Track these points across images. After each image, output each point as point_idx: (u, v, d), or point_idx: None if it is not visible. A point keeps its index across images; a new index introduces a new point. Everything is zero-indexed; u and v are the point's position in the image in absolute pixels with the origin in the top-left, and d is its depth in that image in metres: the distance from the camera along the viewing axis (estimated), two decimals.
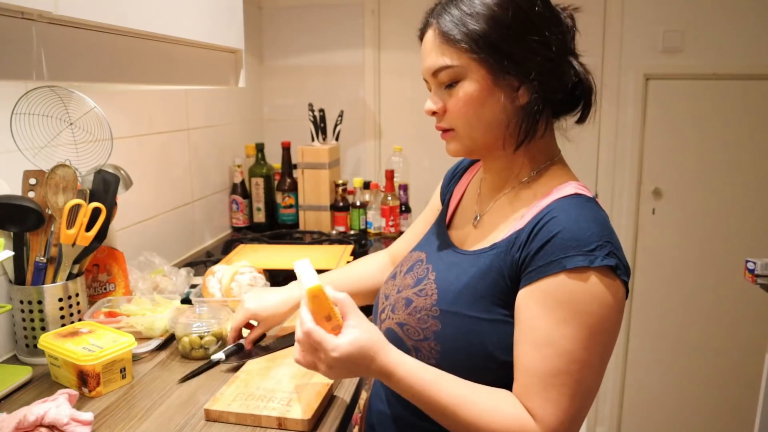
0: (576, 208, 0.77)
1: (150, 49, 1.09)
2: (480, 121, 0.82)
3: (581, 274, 0.72)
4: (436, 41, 0.82)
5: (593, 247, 0.72)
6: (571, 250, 0.73)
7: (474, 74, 0.80)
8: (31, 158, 1.15)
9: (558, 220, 0.75)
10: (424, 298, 0.86)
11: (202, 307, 1.23)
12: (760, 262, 1.52)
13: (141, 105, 1.62)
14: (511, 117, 0.82)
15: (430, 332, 0.83)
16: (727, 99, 2.23)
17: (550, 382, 0.72)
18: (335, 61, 2.45)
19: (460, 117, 0.82)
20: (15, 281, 1.13)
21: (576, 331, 0.72)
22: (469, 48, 0.79)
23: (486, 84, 0.80)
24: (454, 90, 0.81)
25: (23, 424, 0.82)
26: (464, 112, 0.81)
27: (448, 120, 0.84)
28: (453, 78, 0.81)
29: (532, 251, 0.76)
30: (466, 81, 0.80)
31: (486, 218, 0.90)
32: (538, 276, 0.74)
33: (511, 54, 0.78)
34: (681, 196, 2.32)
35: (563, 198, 0.79)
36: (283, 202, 2.22)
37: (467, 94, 0.80)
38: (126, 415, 0.93)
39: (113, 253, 1.32)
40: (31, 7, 0.75)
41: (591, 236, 0.73)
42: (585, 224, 0.74)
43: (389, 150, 2.40)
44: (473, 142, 0.84)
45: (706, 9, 2.18)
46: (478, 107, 0.81)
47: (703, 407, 2.45)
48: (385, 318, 0.92)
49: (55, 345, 1.01)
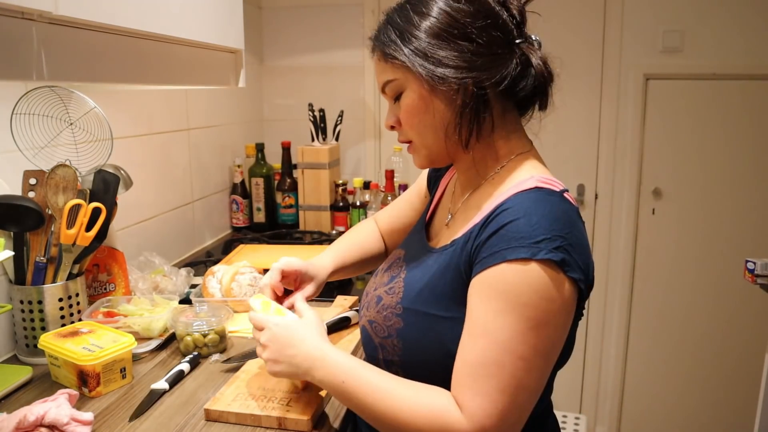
0: (531, 202, 0.75)
1: (150, 49, 1.09)
2: (427, 128, 0.84)
3: (522, 265, 0.70)
4: (376, 60, 0.86)
5: (539, 240, 0.71)
6: (515, 241, 0.71)
7: (412, 84, 0.82)
8: (32, 158, 1.15)
9: (508, 213, 0.74)
10: (392, 296, 0.88)
11: (201, 306, 1.23)
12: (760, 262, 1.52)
13: (141, 105, 1.62)
14: (452, 119, 0.82)
15: (393, 330, 0.84)
16: (727, 99, 2.23)
17: (481, 372, 0.70)
18: (335, 61, 2.45)
19: (410, 127, 0.85)
20: (15, 281, 1.13)
21: (513, 323, 0.70)
22: (401, 61, 0.81)
23: (423, 92, 0.81)
24: (400, 104, 0.85)
25: (23, 424, 0.82)
26: (411, 123, 0.84)
27: (404, 132, 0.87)
28: (396, 91, 0.85)
29: (481, 243, 0.75)
30: (406, 92, 0.83)
31: (456, 216, 0.91)
32: (482, 267, 0.73)
33: (440, 59, 0.79)
34: (681, 196, 2.32)
35: (521, 192, 0.77)
36: (283, 202, 2.22)
37: (408, 104, 0.83)
38: (126, 415, 0.93)
39: (113, 253, 1.32)
40: (32, 7, 0.75)
41: (538, 229, 0.71)
42: (536, 218, 0.72)
43: (389, 150, 2.40)
44: (429, 150, 0.86)
45: (706, 9, 2.18)
46: (422, 115, 0.83)
47: (703, 407, 2.45)
48: (363, 315, 0.94)
49: (55, 345, 1.01)
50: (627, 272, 2.38)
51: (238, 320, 1.30)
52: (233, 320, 1.27)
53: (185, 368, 1.07)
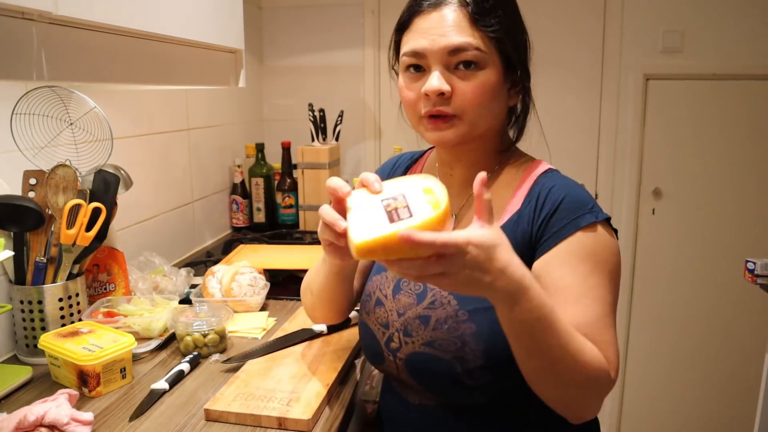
0: (562, 178, 0.86)
1: (150, 49, 1.09)
2: (489, 113, 0.83)
3: (592, 229, 0.80)
4: (464, 19, 0.80)
5: (591, 205, 0.81)
6: (578, 211, 0.80)
7: (494, 64, 0.81)
8: (32, 158, 1.15)
9: (557, 189, 0.82)
10: (442, 308, 0.84)
11: (201, 306, 1.23)
12: (759, 262, 1.52)
13: (141, 105, 1.62)
14: (504, 114, 0.88)
15: (468, 336, 0.81)
16: (727, 99, 2.23)
17: (599, 326, 0.76)
18: (335, 61, 2.45)
19: (473, 105, 0.81)
20: (15, 281, 1.13)
21: (601, 279, 0.78)
22: (497, 37, 0.80)
23: (499, 77, 0.82)
24: (469, 75, 0.80)
25: (23, 424, 0.82)
26: (479, 101, 0.81)
27: (455, 105, 0.81)
28: (474, 60, 0.80)
29: (543, 222, 0.81)
30: (487, 69, 0.81)
31: (466, 214, 0.90)
32: (556, 241, 0.79)
33: (519, 52, 0.84)
34: (681, 196, 2.32)
35: (546, 173, 0.87)
36: (283, 202, 2.22)
37: (486, 83, 0.81)
38: (126, 415, 0.93)
39: (113, 253, 1.32)
40: (32, 7, 0.75)
41: (585, 196, 0.82)
42: (577, 188, 0.84)
43: (389, 150, 2.40)
44: (473, 131, 0.84)
45: (706, 9, 2.17)
46: (491, 98, 0.82)
47: (703, 407, 2.45)
48: (400, 346, 0.87)
49: (55, 345, 1.01)
50: (627, 272, 2.38)
51: (238, 320, 1.30)
52: (233, 320, 1.27)
53: (185, 368, 1.07)
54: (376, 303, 0.93)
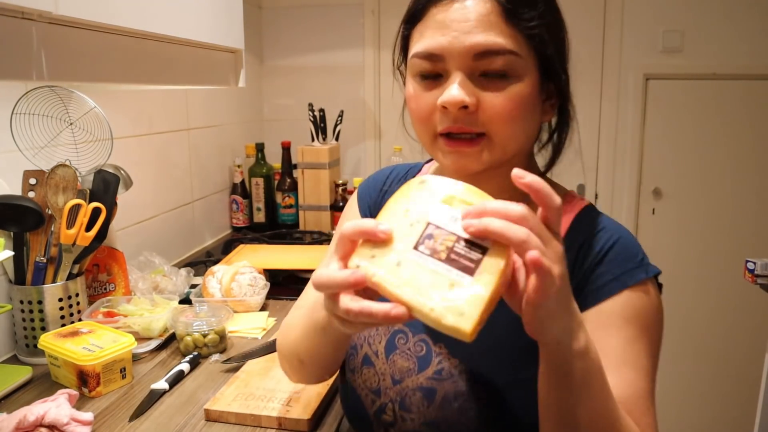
0: (608, 220, 0.70)
1: (150, 49, 1.09)
2: (522, 132, 0.67)
3: (642, 288, 0.67)
4: (496, 13, 0.63)
5: (641, 256, 0.68)
6: (627, 263, 0.67)
7: (530, 72, 0.64)
8: (31, 158, 1.15)
9: (604, 234, 0.68)
10: (451, 380, 0.69)
11: (201, 306, 1.23)
12: (760, 262, 1.52)
13: (141, 105, 1.62)
14: (537, 132, 0.72)
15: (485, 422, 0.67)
16: (727, 99, 2.23)
17: (642, 406, 0.65)
18: (335, 61, 2.45)
19: (504, 121, 0.64)
20: (15, 281, 1.13)
21: (646, 346, 0.67)
22: (537, 36, 0.64)
23: (536, 87, 0.66)
24: (500, 85, 0.63)
25: (23, 424, 0.82)
26: (513, 117, 0.64)
27: (482, 121, 0.64)
28: (506, 69, 0.63)
29: (588, 271, 0.67)
30: (522, 78, 0.64)
31: None
32: (599, 298, 0.66)
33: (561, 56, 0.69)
34: (681, 196, 2.32)
35: (586, 210, 0.71)
36: (283, 202, 2.22)
37: (521, 95, 0.64)
38: (126, 415, 0.93)
39: (113, 253, 1.32)
40: (31, 7, 0.75)
41: (636, 245, 0.68)
42: (626, 234, 0.69)
43: (389, 150, 2.40)
44: (504, 154, 0.67)
45: (706, 9, 2.17)
46: (526, 113, 0.65)
47: (703, 407, 2.44)
48: (395, 421, 0.72)
49: (55, 345, 1.01)
50: None
51: (238, 320, 1.30)
52: (233, 320, 1.27)
53: (185, 368, 1.07)
54: (365, 361, 0.76)
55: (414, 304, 0.45)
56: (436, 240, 0.47)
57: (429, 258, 0.47)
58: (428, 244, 0.47)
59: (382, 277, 0.47)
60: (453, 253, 0.46)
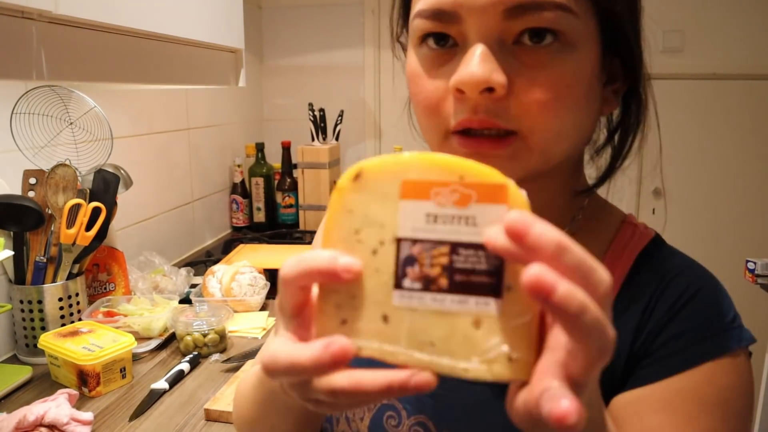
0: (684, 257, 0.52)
1: (150, 48, 1.09)
2: (574, 128, 0.46)
3: (732, 360, 0.47)
4: None
5: (732, 316, 0.49)
6: (714, 322, 0.47)
7: (589, 40, 0.44)
8: (31, 158, 1.14)
9: (686, 277, 0.49)
10: None
11: (201, 306, 1.23)
12: (760, 262, 1.52)
13: (141, 105, 1.62)
14: (593, 131, 0.52)
15: None
16: (727, 99, 2.22)
17: None
18: (335, 61, 2.45)
19: (549, 112, 0.43)
20: (15, 281, 1.13)
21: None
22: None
23: (595, 65, 0.45)
24: (545, 56, 0.42)
25: (23, 423, 0.82)
26: (561, 107, 0.43)
27: (516, 112, 0.43)
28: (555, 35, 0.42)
29: (651, 332, 0.48)
30: (577, 49, 0.43)
31: None
32: (669, 370, 0.46)
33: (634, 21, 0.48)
34: (681, 196, 2.32)
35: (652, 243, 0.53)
36: (283, 202, 2.22)
37: (575, 74, 0.43)
38: (126, 415, 0.93)
39: (113, 253, 1.32)
40: (31, 7, 0.75)
41: (725, 298, 0.50)
42: (711, 279, 0.50)
43: (389, 150, 2.40)
44: (545, 162, 0.46)
45: (706, 9, 2.17)
46: (581, 102, 0.45)
47: None
48: None
49: (55, 345, 1.01)
50: None
51: (238, 320, 1.30)
52: (233, 320, 1.27)
53: (185, 368, 1.06)
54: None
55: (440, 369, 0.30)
56: (423, 262, 0.30)
57: (425, 295, 0.30)
58: (414, 274, 0.30)
59: (377, 349, 0.30)
60: (457, 273, 0.30)
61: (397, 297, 0.30)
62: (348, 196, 0.31)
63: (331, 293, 0.30)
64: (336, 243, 0.31)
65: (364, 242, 0.31)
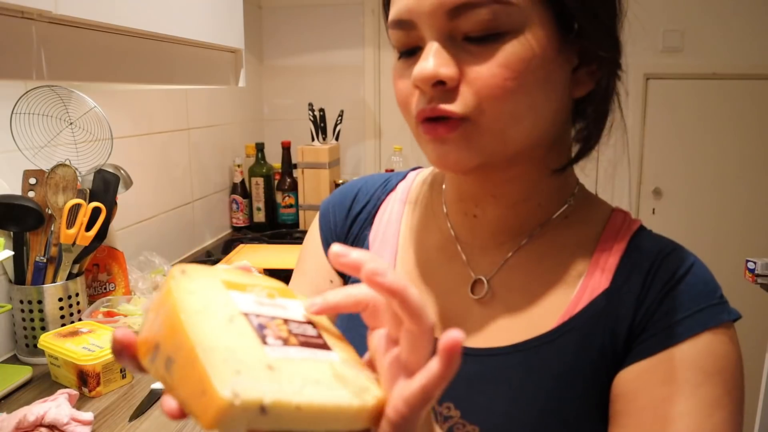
0: (672, 241, 0.55)
1: (150, 48, 1.09)
2: (529, 110, 0.48)
3: (726, 331, 0.50)
4: None
5: (720, 292, 0.52)
6: (706, 298, 0.50)
7: (534, 22, 0.46)
8: (31, 158, 1.14)
9: (675, 258, 0.52)
10: None
11: None
12: (760, 261, 1.52)
13: (141, 105, 1.62)
14: (567, 112, 0.53)
15: None
16: (727, 99, 2.23)
17: None
18: (335, 61, 2.45)
19: (496, 95, 0.46)
20: (15, 281, 1.13)
21: (731, 414, 0.48)
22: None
23: (547, 44, 0.47)
24: (490, 48, 0.46)
25: (23, 424, 0.82)
26: (507, 88, 0.46)
27: (464, 99, 0.46)
28: (496, 25, 0.45)
29: (653, 305, 0.50)
30: (521, 32, 0.46)
31: (504, 283, 0.55)
32: (670, 340, 0.48)
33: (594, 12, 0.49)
34: (681, 196, 2.32)
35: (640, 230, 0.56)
36: (283, 202, 2.22)
37: (519, 55, 0.46)
38: (126, 415, 0.93)
39: (113, 253, 1.32)
40: (31, 7, 0.75)
41: (713, 279, 0.53)
42: (699, 260, 0.53)
43: (389, 150, 2.40)
44: (503, 145, 0.48)
45: (706, 9, 2.17)
46: (532, 82, 0.47)
47: None
48: None
49: (55, 345, 1.01)
50: None
51: None
52: None
53: None
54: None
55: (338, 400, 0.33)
56: (271, 328, 0.35)
57: (289, 348, 0.35)
58: (272, 334, 0.35)
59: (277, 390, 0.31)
60: (300, 336, 0.36)
61: (269, 351, 0.34)
62: (183, 283, 0.35)
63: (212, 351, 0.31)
64: (189, 314, 0.33)
65: (216, 314, 0.34)
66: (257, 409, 0.29)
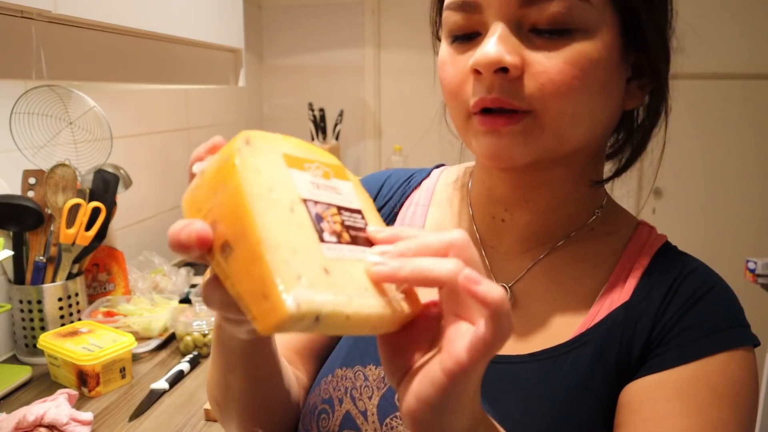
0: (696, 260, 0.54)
1: (150, 48, 1.09)
2: (588, 113, 0.47)
3: (744, 354, 0.48)
4: None
5: (742, 316, 0.51)
6: (727, 320, 0.49)
7: (605, 27, 0.46)
8: (31, 157, 1.14)
9: (699, 276, 0.51)
10: None
11: (201, 306, 1.23)
12: (760, 261, 1.52)
13: (141, 105, 1.62)
14: (614, 122, 0.53)
15: None
16: (727, 99, 2.22)
17: None
18: (335, 61, 2.44)
19: (561, 91, 0.45)
20: (14, 281, 1.13)
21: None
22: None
23: (612, 51, 0.47)
24: (557, 42, 0.45)
25: (23, 424, 0.82)
26: (573, 87, 0.45)
27: (529, 92, 0.45)
28: (568, 20, 0.45)
29: (672, 319, 0.49)
30: (592, 34, 0.45)
31: (526, 291, 0.54)
32: (684, 358, 0.48)
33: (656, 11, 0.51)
34: (681, 196, 2.32)
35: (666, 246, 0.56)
36: None
37: (588, 56, 0.45)
38: (126, 415, 0.93)
39: (113, 253, 1.31)
40: (31, 6, 0.75)
41: (735, 298, 0.52)
42: (722, 281, 0.53)
43: (389, 150, 2.40)
44: (560, 143, 0.48)
45: (706, 9, 2.17)
46: (595, 86, 0.46)
47: None
48: None
49: (55, 345, 1.01)
50: None
51: None
52: None
53: (185, 368, 1.06)
54: (345, 424, 0.53)
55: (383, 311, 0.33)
56: (327, 221, 0.34)
57: (342, 247, 0.34)
58: (327, 228, 0.34)
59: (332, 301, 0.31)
60: (351, 230, 0.35)
61: (325, 250, 0.33)
62: (248, 158, 0.33)
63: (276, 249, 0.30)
64: (255, 199, 0.31)
65: (280, 200, 0.32)
66: (313, 318, 0.30)
